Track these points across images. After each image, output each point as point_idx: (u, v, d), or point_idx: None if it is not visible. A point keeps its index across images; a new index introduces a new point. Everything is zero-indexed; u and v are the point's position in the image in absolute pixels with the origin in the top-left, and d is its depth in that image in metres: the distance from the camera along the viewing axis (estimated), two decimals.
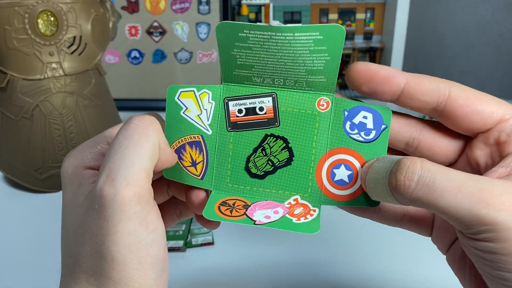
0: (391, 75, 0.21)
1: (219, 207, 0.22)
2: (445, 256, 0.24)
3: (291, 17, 0.85)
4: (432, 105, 0.21)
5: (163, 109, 0.66)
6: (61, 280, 0.21)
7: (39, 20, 0.45)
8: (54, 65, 0.47)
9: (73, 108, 0.48)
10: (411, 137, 0.23)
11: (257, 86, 0.23)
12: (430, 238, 0.25)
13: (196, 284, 0.34)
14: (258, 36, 0.21)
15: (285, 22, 0.85)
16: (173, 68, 0.77)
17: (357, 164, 0.23)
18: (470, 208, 0.17)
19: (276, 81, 0.23)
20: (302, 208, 0.23)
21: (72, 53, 0.48)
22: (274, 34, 0.21)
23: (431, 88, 0.21)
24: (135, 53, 0.77)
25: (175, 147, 0.23)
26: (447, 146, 0.23)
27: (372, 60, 0.86)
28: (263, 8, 0.82)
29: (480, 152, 0.21)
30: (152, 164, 0.20)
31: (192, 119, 0.24)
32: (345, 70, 0.82)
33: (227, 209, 0.22)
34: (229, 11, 0.74)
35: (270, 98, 0.23)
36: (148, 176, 0.19)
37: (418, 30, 0.92)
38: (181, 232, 0.40)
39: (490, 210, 0.17)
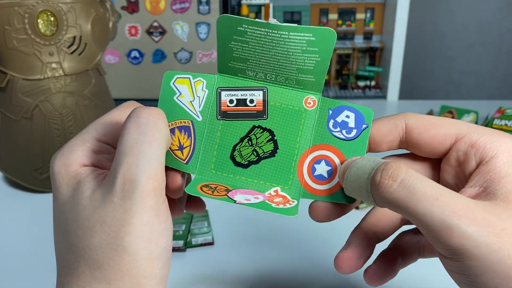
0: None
1: (201, 188, 0.23)
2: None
3: (291, 17, 0.85)
4: (396, 141, 0.23)
5: None
6: (58, 279, 0.21)
7: (39, 20, 0.45)
8: (54, 65, 0.47)
9: (73, 108, 0.48)
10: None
11: (250, 80, 0.24)
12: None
13: (196, 284, 0.34)
14: (256, 32, 0.22)
15: (285, 22, 0.85)
16: (173, 68, 0.77)
17: (336, 161, 0.24)
18: (443, 218, 0.18)
19: (268, 76, 0.24)
20: (281, 198, 0.24)
21: (72, 53, 0.48)
22: (270, 31, 0.22)
23: (389, 128, 0.23)
24: (135, 53, 0.77)
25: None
26: (422, 173, 0.23)
27: (372, 60, 0.86)
28: (263, 8, 0.82)
29: (448, 175, 0.22)
30: (164, 157, 0.21)
31: (184, 105, 0.24)
32: (345, 70, 0.82)
33: (209, 189, 0.23)
34: (229, 11, 0.74)
35: (261, 91, 0.24)
36: (163, 169, 0.20)
37: (418, 30, 0.92)
38: (181, 232, 0.40)
39: (462, 222, 0.17)
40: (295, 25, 0.22)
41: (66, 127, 0.48)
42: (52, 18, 0.46)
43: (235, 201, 0.22)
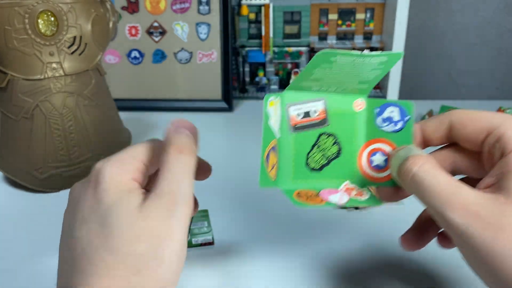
0: (416, 132, 0.26)
1: (298, 194, 0.27)
2: None
3: (291, 17, 0.85)
4: (444, 137, 0.26)
5: (163, 109, 0.67)
6: (81, 277, 0.22)
7: (39, 20, 0.45)
8: (54, 65, 0.47)
9: (73, 108, 0.48)
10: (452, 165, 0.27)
11: (313, 92, 0.28)
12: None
13: (196, 284, 0.34)
14: (343, 59, 0.25)
15: (285, 22, 0.85)
16: (173, 68, 0.77)
17: (389, 150, 0.28)
18: (442, 211, 0.21)
19: (329, 89, 0.28)
20: (354, 191, 0.28)
21: (72, 53, 0.48)
22: (358, 58, 0.25)
23: (436, 126, 0.26)
24: (135, 53, 0.77)
25: (265, 155, 0.27)
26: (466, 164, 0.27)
27: None
28: (263, 8, 0.82)
29: (486, 164, 0.25)
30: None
31: (273, 127, 0.27)
32: None
33: (303, 197, 0.27)
34: (229, 11, 0.74)
35: (321, 102, 0.28)
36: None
37: (418, 30, 0.92)
38: None
39: (455, 216, 0.20)
40: (379, 52, 0.25)
41: (66, 127, 0.48)
42: (52, 18, 0.46)
43: (336, 203, 0.27)
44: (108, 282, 0.21)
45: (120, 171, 0.24)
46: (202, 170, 0.28)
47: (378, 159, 0.28)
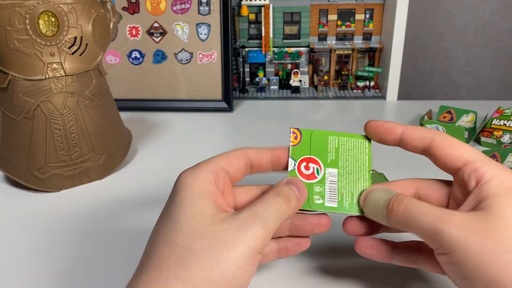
0: (392, 128, 0.29)
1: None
2: None
3: (291, 17, 0.85)
4: (421, 148, 0.28)
5: (163, 109, 0.67)
6: (140, 267, 0.23)
7: (40, 21, 0.45)
8: (55, 65, 0.47)
9: (74, 108, 0.49)
10: (412, 193, 0.31)
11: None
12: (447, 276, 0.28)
13: None
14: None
15: (285, 22, 0.85)
16: (173, 69, 0.77)
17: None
18: (433, 225, 0.24)
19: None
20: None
21: (73, 53, 0.48)
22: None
23: (420, 136, 0.28)
24: (135, 54, 0.77)
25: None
26: (437, 192, 0.30)
27: (371, 60, 0.86)
28: (263, 8, 0.82)
29: (457, 191, 0.28)
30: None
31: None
32: (344, 70, 0.83)
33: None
34: (229, 12, 0.74)
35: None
36: (272, 233, 0.26)
37: (417, 30, 0.93)
38: None
39: (445, 226, 0.23)
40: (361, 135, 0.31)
41: (67, 127, 0.48)
42: (53, 19, 0.46)
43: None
44: (156, 272, 0.22)
45: (192, 173, 0.26)
46: (299, 244, 0.30)
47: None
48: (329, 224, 0.30)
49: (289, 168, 0.30)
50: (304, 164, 0.30)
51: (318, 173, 0.30)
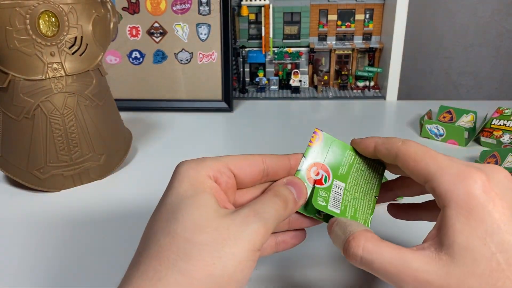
0: (365, 144, 0.29)
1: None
2: None
3: (291, 17, 0.85)
4: (390, 159, 0.27)
5: (163, 109, 0.67)
6: (135, 258, 0.23)
7: (40, 21, 0.45)
8: (55, 65, 0.47)
9: (74, 108, 0.49)
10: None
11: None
12: None
13: None
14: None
15: (285, 22, 0.85)
16: (173, 69, 0.77)
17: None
18: (398, 285, 0.22)
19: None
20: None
21: (73, 53, 0.48)
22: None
23: (385, 152, 0.27)
24: (135, 54, 0.77)
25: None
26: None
27: (371, 60, 0.86)
28: (263, 9, 0.82)
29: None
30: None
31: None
32: (344, 70, 0.83)
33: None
34: (229, 12, 0.74)
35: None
36: (271, 231, 0.26)
37: (417, 30, 0.93)
38: None
39: (401, 279, 0.22)
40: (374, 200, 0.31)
41: (67, 127, 0.48)
42: (53, 19, 0.46)
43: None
44: (155, 262, 0.21)
45: (195, 165, 0.25)
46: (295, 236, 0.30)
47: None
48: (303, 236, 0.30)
49: (299, 167, 0.30)
50: (314, 168, 0.30)
51: (325, 181, 0.30)
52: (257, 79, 0.88)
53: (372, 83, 0.86)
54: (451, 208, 0.22)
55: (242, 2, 0.82)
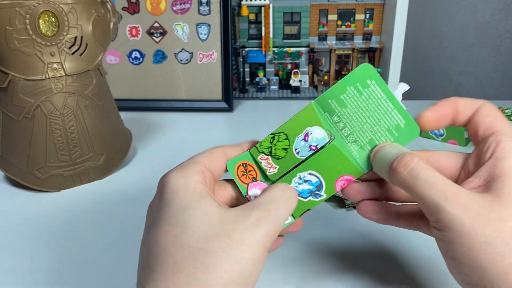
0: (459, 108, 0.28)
1: (239, 166, 0.29)
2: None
3: (291, 17, 0.85)
4: (467, 119, 0.27)
5: (163, 109, 0.67)
6: (146, 276, 0.23)
7: (40, 21, 0.45)
8: (55, 65, 0.47)
9: (74, 108, 0.49)
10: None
11: (330, 123, 0.29)
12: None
13: None
14: (375, 92, 0.28)
15: (285, 22, 0.85)
16: (173, 69, 0.77)
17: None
18: (435, 200, 0.23)
19: (345, 130, 0.29)
20: None
21: (73, 53, 0.48)
22: (385, 98, 0.28)
23: (469, 105, 0.27)
24: (135, 54, 0.77)
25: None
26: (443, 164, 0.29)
27: (371, 60, 0.86)
28: (263, 8, 0.82)
29: (471, 160, 0.26)
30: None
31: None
32: (344, 70, 0.83)
33: (242, 171, 0.29)
34: (229, 12, 0.74)
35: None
36: (278, 232, 0.26)
37: (417, 30, 0.93)
38: None
39: (447, 204, 0.22)
40: (403, 106, 0.27)
41: (67, 127, 0.48)
42: (53, 19, 0.46)
43: (246, 195, 0.29)
44: (174, 278, 0.21)
45: (183, 174, 0.25)
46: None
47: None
48: (301, 224, 0.31)
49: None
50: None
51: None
52: (257, 79, 0.88)
53: None
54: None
55: (242, 2, 0.82)
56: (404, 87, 0.29)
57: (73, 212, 0.45)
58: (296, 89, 0.86)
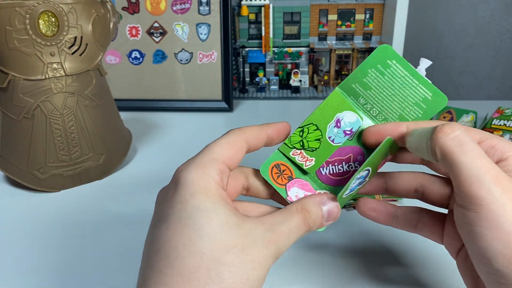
0: (395, 128, 0.27)
1: (272, 168, 0.29)
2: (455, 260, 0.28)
3: (291, 17, 0.85)
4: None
5: (163, 109, 0.68)
6: (162, 277, 0.22)
7: (40, 21, 0.45)
8: (55, 65, 0.47)
9: (74, 108, 0.49)
10: (418, 186, 0.29)
11: (357, 105, 0.29)
12: (444, 245, 0.28)
13: None
14: (397, 71, 0.28)
15: (284, 22, 0.85)
16: (173, 69, 0.77)
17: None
18: (479, 173, 0.21)
19: (372, 110, 0.29)
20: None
21: (73, 53, 0.48)
22: (408, 75, 0.28)
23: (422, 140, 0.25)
24: (135, 54, 0.77)
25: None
26: (443, 188, 0.29)
27: None
28: (263, 8, 0.82)
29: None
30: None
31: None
32: (344, 70, 0.84)
33: (277, 173, 0.29)
34: (229, 11, 0.74)
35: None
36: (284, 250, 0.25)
37: (417, 30, 0.93)
38: None
39: (491, 181, 0.21)
40: (428, 80, 0.27)
41: (67, 127, 0.48)
42: (53, 19, 0.46)
43: (286, 196, 0.29)
44: (185, 285, 0.21)
45: (204, 176, 0.24)
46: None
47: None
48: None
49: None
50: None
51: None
52: (257, 79, 0.88)
53: None
54: None
55: (242, 2, 0.82)
56: (426, 62, 0.29)
57: (73, 212, 0.45)
58: (296, 89, 0.86)
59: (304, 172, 0.29)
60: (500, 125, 0.59)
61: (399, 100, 0.28)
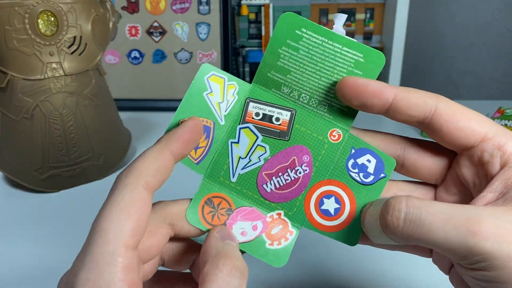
0: (380, 89, 0.21)
1: (203, 206, 0.23)
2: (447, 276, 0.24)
3: None
4: (418, 119, 0.21)
5: (163, 109, 0.67)
6: None
7: (39, 20, 0.45)
8: (54, 65, 0.47)
9: (73, 108, 0.48)
10: (396, 155, 0.24)
11: (282, 98, 0.24)
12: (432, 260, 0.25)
13: None
14: (311, 39, 0.22)
15: None
16: (173, 68, 0.77)
17: (346, 201, 0.23)
18: (459, 240, 0.17)
19: (302, 98, 0.23)
20: (280, 227, 0.24)
21: (72, 53, 0.48)
22: (326, 41, 0.22)
23: (418, 103, 0.21)
24: (135, 53, 0.77)
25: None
26: (432, 162, 0.23)
27: None
28: (263, 8, 0.82)
29: (467, 171, 0.22)
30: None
31: (211, 104, 0.24)
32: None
33: (211, 211, 0.23)
34: (229, 11, 0.74)
35: (289, 112, 0.23)
36: None
37: (418, 30, 0.92)
38: None
39: (478, 240, 0.17)
40: (352, 39, 0.22)
41: (66, 127, 0.48)
42: (52, 18, 0.46)
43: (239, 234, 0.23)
44: None
45: (100, 284, 0.19)
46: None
47: (330, 204, 0.23)
48: None
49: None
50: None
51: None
52: None
53: None
54: None
55: (242, 2, 0.82)
56: (341, 17, 0.23)
57: (73, 212, 0.45)
58: None
59: (245, 195, 0.24)
60: (501, 125, 0.59)
61: (328, 75, 0.23)
